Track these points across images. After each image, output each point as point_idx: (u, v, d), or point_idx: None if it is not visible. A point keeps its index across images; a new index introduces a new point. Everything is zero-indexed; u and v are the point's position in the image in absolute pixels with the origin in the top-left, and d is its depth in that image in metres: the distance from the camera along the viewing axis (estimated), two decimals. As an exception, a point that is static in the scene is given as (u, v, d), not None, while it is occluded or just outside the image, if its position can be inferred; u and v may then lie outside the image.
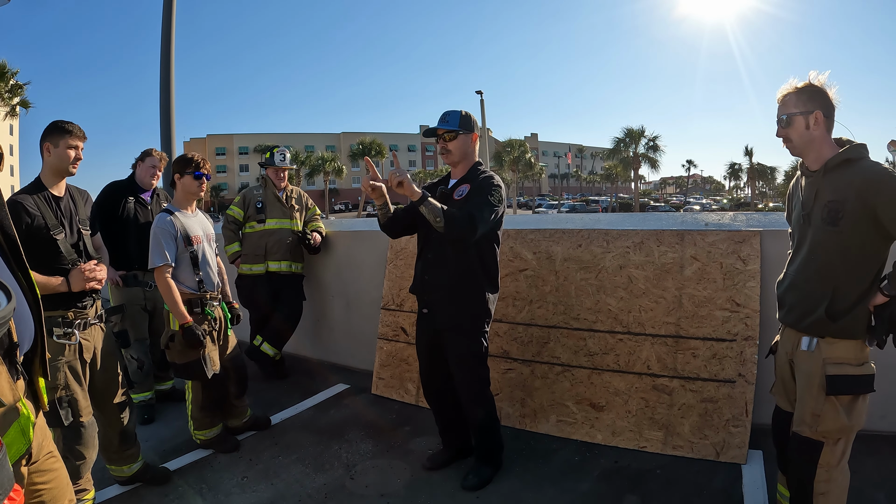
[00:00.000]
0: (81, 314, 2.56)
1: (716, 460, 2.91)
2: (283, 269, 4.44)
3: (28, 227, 2.39)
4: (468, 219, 2.55)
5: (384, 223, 2.91)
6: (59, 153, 2.54)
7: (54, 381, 2.42)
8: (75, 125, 2.59)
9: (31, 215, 2.42)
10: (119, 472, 2.85)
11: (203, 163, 3.20)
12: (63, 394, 2.44)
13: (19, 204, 2.41)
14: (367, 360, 4.40)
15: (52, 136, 2.54)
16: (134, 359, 3.78)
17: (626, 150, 50.98)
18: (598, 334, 3.35)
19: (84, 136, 2.62)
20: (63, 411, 2.41)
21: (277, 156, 4.53)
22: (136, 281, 3.78)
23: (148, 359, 3.86)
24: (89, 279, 2.52)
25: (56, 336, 2.45)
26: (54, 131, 2.55)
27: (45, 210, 2.49)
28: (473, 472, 2.83)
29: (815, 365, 1.99)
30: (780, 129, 2.05)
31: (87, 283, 2.52)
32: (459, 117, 2.81)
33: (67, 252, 2.52)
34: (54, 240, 2.47)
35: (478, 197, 2.67)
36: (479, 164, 2.88)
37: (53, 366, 2.40)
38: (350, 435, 3.45)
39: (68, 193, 2.67)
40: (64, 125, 2.56)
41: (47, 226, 2.47)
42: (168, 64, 7.05)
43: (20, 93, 35.11)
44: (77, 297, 2.53)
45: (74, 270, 2.51)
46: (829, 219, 1.93)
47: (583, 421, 3.28)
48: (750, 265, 3.06)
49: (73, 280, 2.48)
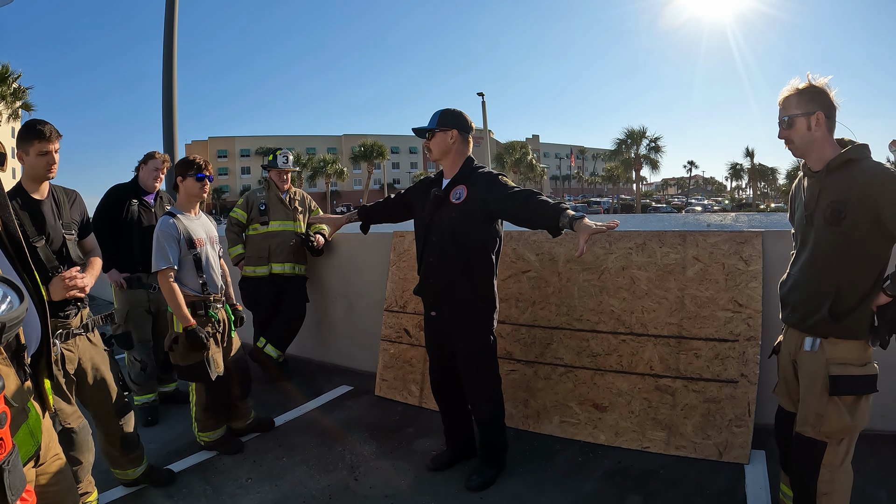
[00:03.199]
0: (63, 324, 2.42)
1: (719, 460, 2.91)
2: (287, 271, 4.45)
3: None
4: (531, 196, 2.60)
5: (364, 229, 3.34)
6: (30, 161, 2.44)
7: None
8: (47, 126, 2.45)
9: None
10: (123, 475, 2.83)
11: (205, 165, 3.22)
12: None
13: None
14: (370, 362, 4.41)
15: (23, 143, 2.42)
16: (137, 361, 3.80)
17: (627, 152, 51.04)
18: (600, 335, 3.36)
19: (57, 136, 2.48)
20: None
21: (280, 158, 4.55)
22: (139, 283, 3.80)
23: (151, 361, 3.87)
24: (69, 287, 2.36)
25: None
26: (24, 137, 2.43)
27: (23, 217, 2.35)
28: (477, 473, 2.84)
29: (819, 365, 2.00)
30: (782, 130, 2.06)
31: (68, 292, 2.36)
32: (438, 116, 2.85)
33: (48, 259, 2.38)
34: (34, 247, 2.32)
35: (500, 190, 2.69)
36: (471, 161, 2.88)
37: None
38: (354, 436, 3.45)
39: (52, 196, 2.56)
40: (34, 128, 2.43)
41: (26, 233, 2.30)
42: (170, 67, 7.08)
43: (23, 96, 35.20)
44: (59, 306, 2.38)
45: (55, 279, 2.35)
46: (832, 219, 1.94)
47: (586, 422, 3.29)
48: (752, 266, 3.07)
49: (52, 289, 2.32)
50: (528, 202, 2.56)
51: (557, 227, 2.45)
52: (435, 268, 2.83)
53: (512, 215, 2.64)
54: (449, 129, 2.83)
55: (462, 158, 2.86)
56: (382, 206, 3.28)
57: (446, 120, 2.84)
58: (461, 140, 2.86)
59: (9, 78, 33.65)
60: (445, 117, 2.85)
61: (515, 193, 2.63)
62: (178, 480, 2.97)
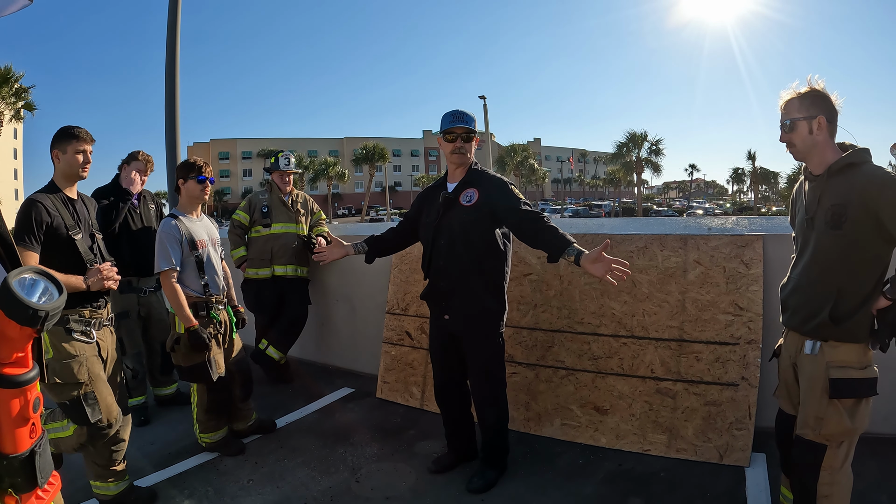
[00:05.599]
0: (97, 314, 2.61)
1: (719, 463, 2.91)
2: (289, 273, 4.46)
3: (48, 226, 2.43)
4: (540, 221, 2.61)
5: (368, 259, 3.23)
6: (67, 159, 2.59)
7: (76, 378, 2.45)
8: (82, 129, 2.63)
9: (51, 215, 2.45)
10: (104, 488, 2.69)
11: (206, 167, 3.23)
12: (88, 390, 2.48)
13: (39, 204, 2.44)
14: (371, 364, 4.42)
15: (60, 143, 2.59)
16: (129, 368, 3.77)
17: (628, 155, 50.93)
18: (601, 338, 3.36)
19: (92, 139, 2.66)
20: (89, 408, 2.46)
21: (282, 160, 4.56)
22: (129, 288, 3.73)
23: (142, 368, 3.90)
24: (106, 279, 2.57)
25: (76, 333, 2.49)
26: (62, 138, 2.59)
27: (62, 211, 2.52)
28: (478, 476, 2.84)
29: (819, 368, 2.00)
30: (784, 133, 2.07)
31: (105, 283, 2.57)
32: (471, 119, 2.82)
33: (85, 252, 2.56)
34: (73, 240, 2.51)
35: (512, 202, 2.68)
36: (476, 164, 2.89)
37: (75, 360, 2.46)
38: (355, 438, 3.46)
39: (81, 199, 2.72)
40: (71, 130, 2.60)
41: (66, 226, 2.50)
42: (173, 69, 7.08)
43: (25, 96, 35.26)
44: (93, 296, 2.59)
45: (93, 270, 2.55)
46: (833, 222, 1.95)
47: (587, 424, 3.29)
48: (753, 269, 3.07)
49: (92, 279, 2.53)
50: (538, 223, 2.59)
51: (559, 256, 2.49)
52: (444, 271, 2.81)
53: (518, 228, 2.67)
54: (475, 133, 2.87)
55: (471, 160, 2.89)
56: (394, 233, 3.21)
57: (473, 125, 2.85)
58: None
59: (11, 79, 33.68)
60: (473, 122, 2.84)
61: (528, 211, 2.64)
62: (184, 480, 2.94)
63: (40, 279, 1.40)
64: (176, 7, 7.08)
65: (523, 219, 2.63)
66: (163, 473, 3.07)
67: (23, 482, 1.39)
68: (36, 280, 1.39)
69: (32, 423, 1.41)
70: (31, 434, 1.41)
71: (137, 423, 3.75)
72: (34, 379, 1.39)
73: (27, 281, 1.37)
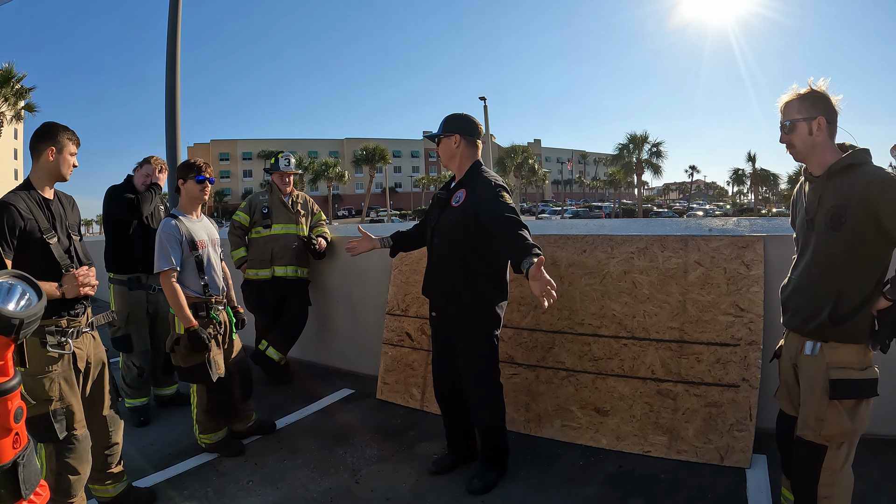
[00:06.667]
0: (74, 322, 2.42)
1: (720, 464, 2.91)
2: (289, 274, 4.46)
3: (21, 231, 2.26)
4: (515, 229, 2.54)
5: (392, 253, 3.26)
6: (63, 159, 2.45)
7: (48, 394, 2.26)
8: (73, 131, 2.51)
9: (24, 219, 2.28)
10: (103, 491, 2.67)
11: (206, 167, 3.24)
12: (58, 406, 2.28)
13: (12, 207, 2.25)
14: (371, 365, 4.42)
15: (58, 141, 2.43)
16: (135, 366, 3.79)
17: (629, 156, 50.95)
18: (602, 339, 3.36)
19: (78, 143, 2.53)
20: (58, 425, 2.25)
21: (282, 161, 4.56)
22: (139, 284, 3.80)
23: (148, 367, 3.88)
24: (83, 284, 2.39)
25: (50, 345, 2.30)
26: (62, 135, 2.44)
27: (37, 213, 2.34)
28: (478, 477, 2.84)
29: (819, 369, 2.00)
30: (784, 135, 2.07)
31: (81, 289, 2.39)
32: (443, 122, 2.90)
33: (60, 257, 2.38)
34: (47, 244, 2.34)
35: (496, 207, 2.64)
36: (478, 165, 2.88)
37: (47, 377, 2.27)
38: (355, 439, 3.46)
39: (57, 198, 2.55)
40: (71, 131, 2.48)
41: (40, 229, 2.33)
42: (174, 70, 7.10)
43: (26, 97, 35.28)
44: (70, 303, 2.39)
45: (68, 276, 2.36)
46: (833, 223, 1.95)
47: (587, 426, 3.29)
48: (753, 270, 3.07)
49: (66, 286, 2.34)
50: (512, 233, 2.53)
51: (518, 268, 2.44)
52: (436, 270, 2.87)
53: (495, 235, 2.62)
54: (452, 134, 2.86)
55: (469, 162, 2.88)
56: (415, 230, 3.21)
57: (449, 125, 2.88)
58: (466, 144, 2.86)
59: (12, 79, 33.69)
60: (449, 123, 2.89)
61: (508, 218, 2.59)
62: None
63: (18, 283, 1.33)
64: (176, 9, 7.10)
65: (500, 227, 2.59)
66: (162, 474, 3.07)
67: (6, 494, 1.32)
68: (13, 285, 1.32)
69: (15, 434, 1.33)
70: (14, 444, 1.34)
71: (137, 423, 3.75)
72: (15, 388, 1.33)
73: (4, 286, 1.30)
